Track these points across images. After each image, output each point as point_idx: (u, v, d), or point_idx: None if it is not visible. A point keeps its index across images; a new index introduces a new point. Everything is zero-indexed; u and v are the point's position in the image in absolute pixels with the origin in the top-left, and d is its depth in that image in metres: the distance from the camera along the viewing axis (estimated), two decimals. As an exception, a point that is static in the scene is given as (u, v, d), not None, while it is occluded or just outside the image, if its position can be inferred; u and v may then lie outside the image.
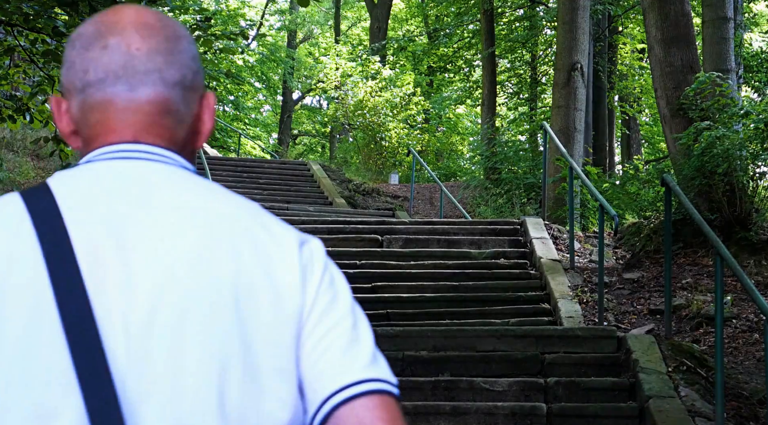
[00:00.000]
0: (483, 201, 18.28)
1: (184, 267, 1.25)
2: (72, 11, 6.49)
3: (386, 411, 1.27)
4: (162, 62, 1.36)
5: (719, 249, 5.98)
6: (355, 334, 1.31)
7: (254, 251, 1.29)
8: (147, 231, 1.27)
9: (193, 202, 1.31)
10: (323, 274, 1.33)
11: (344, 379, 1.27)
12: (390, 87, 25.89)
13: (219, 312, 1.25)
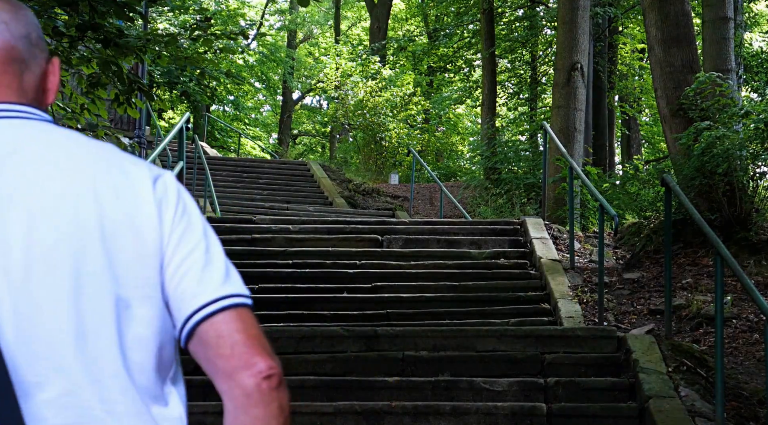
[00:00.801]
0: (483, 201, 18.28)
1: (47, 223, 1.40)
2: (72, 11, 6.48)
3: (241, 321, 1.46)
4: (8, 18, 1.49)
5: (719, 249, 5.98)
6: (209, 257, 1.49)
7: (114, 194, 1.46)
8: (12, 190, 1.40)
9: (45, 153, 1.45)
10: (177, 205, 1.50)
11: (201, 299, 1.46)
12: (390, 87, 25.88)
13: (86, 250, 1.41)
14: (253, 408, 1.45)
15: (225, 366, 1.46)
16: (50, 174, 1.43)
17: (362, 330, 6.94)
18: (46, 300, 1.39)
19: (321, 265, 9.22)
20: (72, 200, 1.42)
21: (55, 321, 1.39)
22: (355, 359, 6.56)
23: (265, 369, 1.45)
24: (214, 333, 1.46)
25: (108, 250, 1.43)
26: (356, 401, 5.95)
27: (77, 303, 1.40)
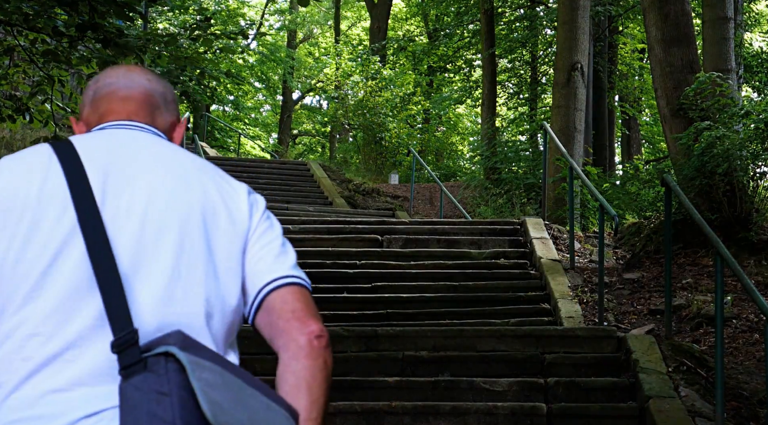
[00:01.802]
0: (483, 201, 18.28)
1: (163, 195, 1.82)
2: (72, 11, 6.48)
3: (302, 295, 1.85)
4: (151, 78, 2.05)
5: (719, 249, 5.98)
6: (284, 250, 1.91)
7: (216, 188, 1.89)
8: (137, 172, 1.83)
9: (170, 155, 1.90)
10: (263, 212, 1.93)
11: (274, 275, 1.86)
12: (390, 87, 25.88)
13: (191, 222, 1.81)
14: (304, 359, 1.78)
15: (285, 325, 1.81)
16: (170, 167, 1.87)
17: (362, 330, 6.94)
18: (154, 250, 1.77)
19: (321, 265, 9.22)
20: (183, 186, 1.85)
21: (159, 265, 1.77)
22: (355, 359, 6.56)
23: (317, 330, 1.81)
24: (280, 300, 1.84)
25: (206, 226, 1.83)
26: (356, 401, 5.95)
27: (178, 256, 1.79)
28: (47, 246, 1.72)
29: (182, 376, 1.61)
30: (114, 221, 1.76)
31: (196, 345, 1.69)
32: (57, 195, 1.76)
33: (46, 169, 1.79)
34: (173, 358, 1.63)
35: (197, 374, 1.62)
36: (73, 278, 1.71)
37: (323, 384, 1.79)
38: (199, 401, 1.59)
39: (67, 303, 1.70)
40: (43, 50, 7.27)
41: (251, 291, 1.86)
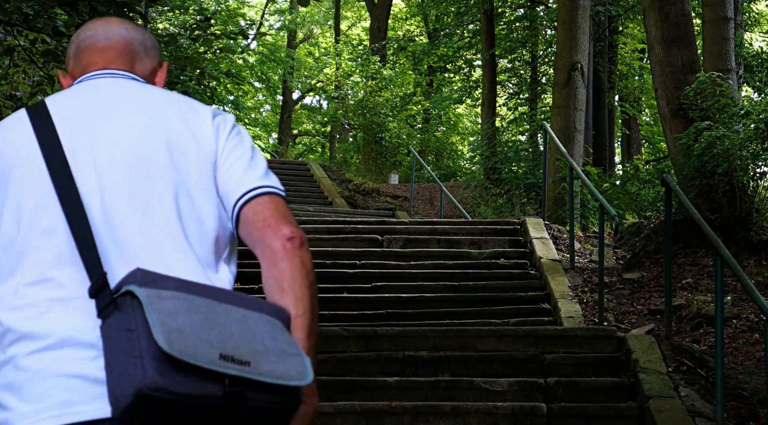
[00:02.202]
0: (483, 201, 18.28)
1: (129, 131, 1.95)
2: (72, 11, 6.49)
3: (272, 203, 1.95)
4: (129, 27, 2.17)
5: (719, 249, 5.98)
6: (253, 162, 1.99)
7: (180, 117, 2.00)
8: (106, 115, 1.97)
9: (136, 93, 2.03)
10: (231, 129, 2.02)
11: (244, 188, 1.95)
12: (390, 87, 25.88)
13: (157, 154, 1.94)
14: (280, 262, 1.89)
15: (259, 235, 1.92)
16: (135, 107, 1.99)
17: (362, 330, 6.94)
18: (122, 183, 1.90)
19: (321, 265, 9.21)
20: (147, 122, 1.97)
21: (127, 198, 1.90)
22: (355, 359, 6.56)
23: (288, 233, 1.90)
24: (252, 212, 1.94)
25: (173, 155, 1.94)
26: (356, 401, 5.95)
27: (150, 192, 1.91)
28: (26, 206, 1.88)
29: (143, 314, 1.69)
30: (84, 173, 1.90)
31: (158, 278, 1.76)
32: (28, 155, 1.91)
33: (15, 129, 1.95)
34: (135, 297, 1.72)
35: (156, 306, 1.69)
36: (54, 234, 1.86)
37: (304, 281, 1.88)
38: (153, 334, 1.65)
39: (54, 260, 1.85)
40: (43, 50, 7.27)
41: (228, 208, 1.97)
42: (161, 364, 1.65)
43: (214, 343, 1.69)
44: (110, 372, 1.71)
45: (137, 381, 1.64)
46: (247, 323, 1.75)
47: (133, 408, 1.67)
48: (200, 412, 1.69)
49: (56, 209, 1.87)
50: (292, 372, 1.73)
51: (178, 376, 1.65)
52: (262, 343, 1.74)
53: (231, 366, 1.68)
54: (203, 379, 1.66)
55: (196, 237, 1.92)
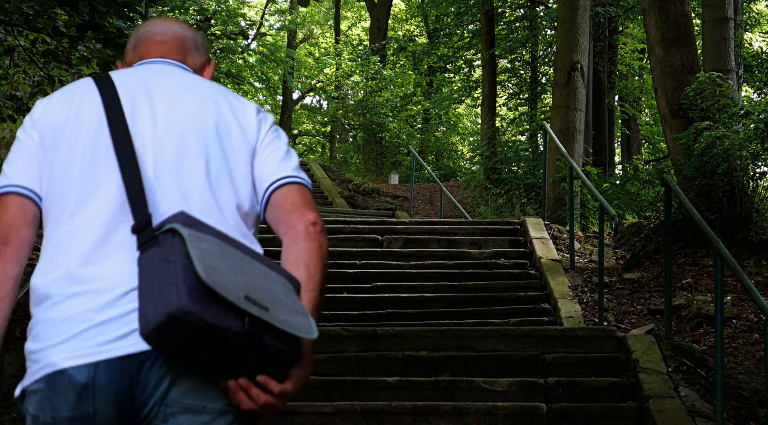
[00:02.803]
0: (483, 201, 18.27)
1: (183, 109, 2.21)
2: (72, 11, 6.49)
3: (301, 191, 2.21)
4: (183, 27, 2.47)
5: (719, 249, 5.98)
6: (287, 156, 2.26)
7: (228, 106, 2.27)
8: (164, 91, 2.23)
9: (190, 80, 2.31)
10: (271, 126, 2.30)
11: (278, 175, 2.21)
12: (390, 87, 25.87)
13: (205, 132, 2.20)
14: (302, 242, 2.12)
15: (286, 216, 2.16)
16: (190, 90, 2.26)
17: (362, 330, 6.94)
18: (171, 150, 2.16)
19: (321, 265, 9.21)
20: (200, 103, 2.23)
21: (174, 164, 2.14)
22: (355, 359, 6.56)
23: (312, 218, 2.15)
24: (282, 196, 2.19)
25: (220, 136, 2.21)
26: (356, 401, 5.95)
27: (198, 163, 2.16)
28: (85, 160, 2.13)
29: (184, 247, 1.92)
30: (140, 135, 2.16)
31: (198, 223, 2.02)
32: (94, 116, 2.17)
33: (83, 95, 2.22)
34: (177, 233, 1.95)
35: (195, 244, 1.92)
36: (108, 183, 2.11)
37: (319, 263, 2.11)
38: (194, 264, 1.88)
39: (104, 207, 2.09)
40: (44, 50, 7.27)
41: (260, 191, 2.22)
42: (194, 293, 1.86)
43: (241, 285, 1.91)
44: (143, 297, 1.92)
45: (171, 305, 1.85)
46: (268, 278, 2.00)
47: (161, 329, 1.86)
48: (218, 345, 1.88)
49: (112, 159, 2.12)
50: (301, 326, 1.94)
51: (207, 306, 1.86)
52: (279, 297, 1.96)
53: (253, 307, 1.88)
54: (228, 313, 1.87)
55: (229, 210, 2.15)
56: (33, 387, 2.02)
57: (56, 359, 1.98)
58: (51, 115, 2.20)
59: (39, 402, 2.01)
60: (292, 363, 1.99)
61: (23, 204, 2.15)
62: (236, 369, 1.95)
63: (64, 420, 1.99)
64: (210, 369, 1.96)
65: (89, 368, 1.96)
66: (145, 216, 2.04)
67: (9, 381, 5.73)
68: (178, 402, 1.97)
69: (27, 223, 2.14)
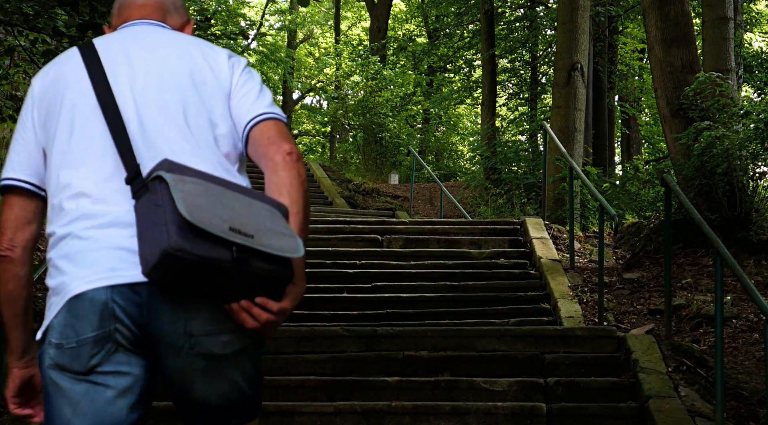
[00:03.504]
0: (483, 201, 18.28)
1: (160, 63, 2.40)
2: (72, 11, 6.49)
3: (276, 126, 2.39)
4: None
5: (719, 249, 5.98)
6: (261, 94, 2.44)
7: (201, 55, 2.45)
8: (141, 50, 2.43)
9: (166, 36, 2.49)
10: (244, 69, 2.47)
11: (253, 113, 2.39)
12: (390, 87, 25.86)
13: (183, 83, 2.39)
14: (281, 172, 2.31)
15: (264, 150, 2.35)
16: (165, 44, 2.45)
17: (362, 330, 6.94)
18: (152, 101, 2.34)
19: (321, 265, 9.22)
20: (175, 55, 2.42)
21: (156, 113, 2.33)
22: (355, 359, 6.56)
23: (288, 149, 2.34)
24: (259, 132, 2.38)
25: (195, 83, 2.39)
26: (356, 401, 5.95)
27: (177, 111, 2.35)
28: (77, 120, 2.34)
29: (169, 191, 2.12)
30: (122, 91, 2.35)
31: (182, 167, 2.21)
32: (79, 80, 2.37)
33: (68, 63, 2.42)
34: (163, 180, 2.15)
35: (179, 187, 2.12)
36: (100, 140, 2.31)
37: (299, 188, 2.31)
38: (178, 206, 2.07)
39: (100, 160, 2.30)
40: (44, 50, 7.27)
41: (239, 130, 2.40)
42: (183, 231, 2.06)
43: (225, 218, 2.11)
44: (141, 241, 2.15)
45: (163, 244, 2.06)
46: (252, 207, 2.19)
47: (159, 267, 2.08)
48: (213, 274, 2.10)
49: (100, 118, 2.32)
50: (286, 247, 2.14)
51: (196, 241, 2.06)
52: (263, 224, 2.16)
53: (238, 236, 2.09)
54: (216, 245, 2.08)
55: (209, 150, 2.34)
56: (56, 320, 2.20)
57: (75, 285, 2.19)
58: (43, 85, 2.43)
59: (62, 330, 2.19)
60: (285, 283, 2.19)
61: (24, 203, 2.38)
62: (236, 293, 2.16)
63: (88, 341, 2.17)
64: (212, 296, 2.17)
65: (106, 290, 2.17)
66: (134, 167, 2.25)
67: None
68: (199, 330, 2.19)
69: (30, 221, 2.37)
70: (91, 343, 2.17)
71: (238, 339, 2.23)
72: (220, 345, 2.21)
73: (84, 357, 2.17)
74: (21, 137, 2.42)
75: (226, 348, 2.22)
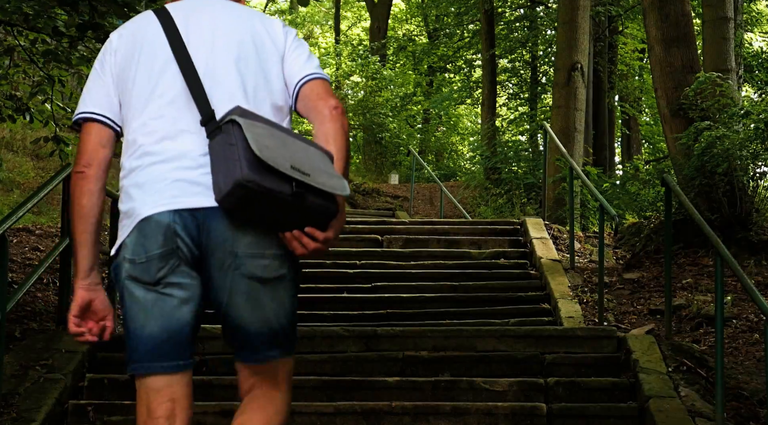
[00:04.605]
0: (483, 201, 18.28)
1: (226, 27, 2.79)
2: (72, 11, 6.48)
3: (323, 84, 2.81)
4: None
5: (719, 249, 5.98)
6: (310, 58, 2.85)
7: (261, 23, 2.85)
8: (209, 14, 2.81)
9: (230, 7, 2.87)
10: (294, 37, 2.88)
11: (303, 73, 2.81)
12: (390, 87, 25.85)
13: (245, 45, 2.78)
14: (328, 123, 2.74)
15: (313, 104, 2.76)
16: (229, 12, 2.84)
17: (362, 330, 6.94)
18: (220, 56, 2.74)
19: (321, 265, 9.22)
20: (237, 22, 2.82)
21: (226, 73, 2.72)
22: (355, 359, 6.56)
23: (334, 103, 2.75)
24: (308, 89, 2.79)
25: (256, 46, 2.79)
26: (356, 401, 5.94)
27: (241, 67, 2.74)
28: (153, 73, 2.72)
29: (242, 133, 2.52)
30: (194, 48, 2.74)
31: (251, 113, 2.61)
32: (156, 38, 2.75)
33: (146, 23, 2.80)
34: (236, 123, 2.54)
35: (251, 130, 2.53)
36: (174, 87, 2.70)
37: (343, 138, 2.73)
38: (251, 145, 2.47)
39: (171, 104, 2.69)
40: (44, 50, 7.27)
41: (290, 87, 2.81)
42: (253, 165, 2.47)
43: (287, 158, 2.51)
44: (215, 173, 2.55)
45: (236, 175, 2.47)
46: (308, 151, 2.60)
47: (230, 195, 2.49)
48: (274, 204, 2.50)
49: (175, 69, 2.70)
50: (336, 185, 2.56)
51: (264, 175, 2.47)
52: (317, 165, 2.57)
53: (297, 173, 2.49)
54: (279, 180, 2.48)
55: (266, 103, 2.74)
56: (128, 239, 2.61)
57: (144, 210, 2.60)
58: (123, 42, 2.80)
59: (134, 248, 2.60)
60: (331, 216, 2.59)
61: (100, 130, 2.75)
62: (289, 223, 2.56)
63: (155, 256, 2.58)
64: (271, 225, 2.57)
65: (169, 214, 2.58)
66: (208, 111, 2.65)
67: (9, 381, 5.72)
68: (244, 251, 2.57)
69: (104, 145, 2.73)
70: (157, 258, 2.58)
71: (278, 266, 2.61)
72: (261, 268, 2.59)
73: (152, 270, 2.58)
74: (97, 79, 2.79)
75: (266, 271, 2.60)
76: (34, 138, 8.82)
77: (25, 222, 10.68)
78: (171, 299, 2.59)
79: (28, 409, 5.45)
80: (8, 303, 5.61)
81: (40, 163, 16.43)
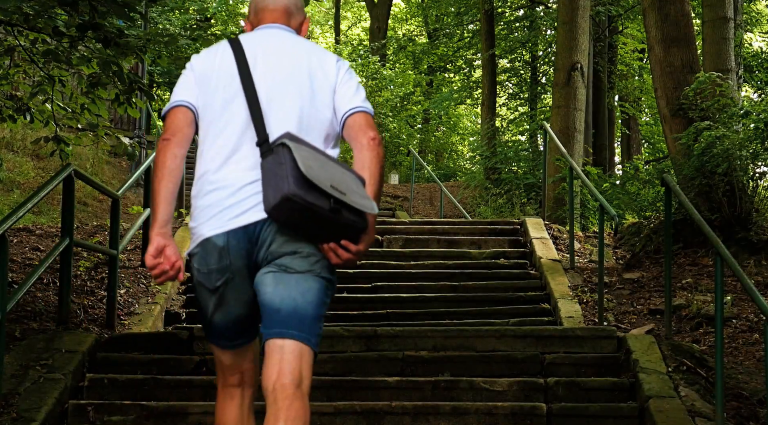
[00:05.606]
0: (483, 201, 18.28)
1: (287, 63, 3.28)
2: (72, 11, 6.48)
3: (366, 117, 3.28)
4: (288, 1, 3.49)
5: (719, 249, 5.98)
6: (357, 91, 3.31)
7: (317, 57, 3.33)
8: (274, 49, 3.32)
9: (291, 40, 3.38)
10: (347, 71, 3.34)
11: (350, 106, 3.27)
12: (390, 87, 25.85)
13: (302, 78, 3.26)
14: (366, 152, 3.22)
15: (355, 134, 3.24)
16: (291, 47, 3.34)
17: (362, 330, 6.94)
18: (280, 88, 3.24)
19: (321, 265, 9.20)
20: (297, 57, 3.31)
21: (284, 103, 3.22)
22: (355, 359, 6.56)
23: (372, 135, 3.23)
24: (352, 120, 3.26)
25: (311, 79, 3.27)
26: (356, 401, 5.94)
27: (296, 98, 3.23)
28: (224, 98, 3.23)
29: (291, 155, 2.99)
30: (260, 76, 3.24)
31: (299, 139, 3.10)
32: (229, 68, 3.27)
33: (222, 53, 3.31)
34: (286, 146, 3.03)
35: (298, 152, 3.00)
36: (240, 115, 3.21)
37: (377, 166, 3.21)
38: (298, 165, 2.94)
39: (237, 129, 3.20)
40: (44, 50, 7.27)
41: (338, 117, 3.27)
42: (299, 182, 2.94)
43: (327, 178, 2.98)
44: (265, 187, 3.02)
45: (285, 190, 2.94)
46: (345, 175, 3.07)
47: (278, 206, 2.96)
48: (314, 218, 2.97)
49: (242, 99, 3.21)
50: (367, 205, 3.03)
51: (307, 191, 2.93)
52: (352, 187, 3.04)
53: (336, 192, 2.95)
54: (320, 196, 2.94)
55: (315, 131, 3.23)
56: (194, 251, 3.19)
57: (204, 231, 3.15)
58: (202, 64, 3.31)
59: (198, 260, 3.18)
60: (362, 231, 3.07)
61: (186, 112, 3.27)
62: (327, 236, 3.04)
63: (213, 269, 3.15)
64: (311, 237, 3.06)
65: (224, 235, 3.12)
66: (264, 135, 3.14)
67: (9, 381, 5.72)
68: (277, 249, 3.09)
69: (188, 124, 3.26)
70: (215, 271, 3.15)
71: (311, 263, 3.10)
72: (293, 261, 3.09)
73: (213, 279, 3.16)
74: (186, 83, 3.30)
75: (297, 264, 3.09)
76: (35, 138, 8.81)
77: (25, 222, 10.68)
78: (227, 300, 3.20)
79: (28, 409, 5.44)
80: (8, 303, 5.61)
81: (40, 163, 16.43)
